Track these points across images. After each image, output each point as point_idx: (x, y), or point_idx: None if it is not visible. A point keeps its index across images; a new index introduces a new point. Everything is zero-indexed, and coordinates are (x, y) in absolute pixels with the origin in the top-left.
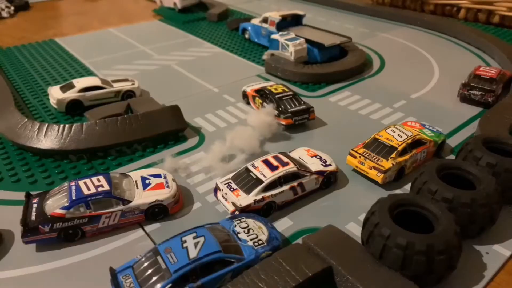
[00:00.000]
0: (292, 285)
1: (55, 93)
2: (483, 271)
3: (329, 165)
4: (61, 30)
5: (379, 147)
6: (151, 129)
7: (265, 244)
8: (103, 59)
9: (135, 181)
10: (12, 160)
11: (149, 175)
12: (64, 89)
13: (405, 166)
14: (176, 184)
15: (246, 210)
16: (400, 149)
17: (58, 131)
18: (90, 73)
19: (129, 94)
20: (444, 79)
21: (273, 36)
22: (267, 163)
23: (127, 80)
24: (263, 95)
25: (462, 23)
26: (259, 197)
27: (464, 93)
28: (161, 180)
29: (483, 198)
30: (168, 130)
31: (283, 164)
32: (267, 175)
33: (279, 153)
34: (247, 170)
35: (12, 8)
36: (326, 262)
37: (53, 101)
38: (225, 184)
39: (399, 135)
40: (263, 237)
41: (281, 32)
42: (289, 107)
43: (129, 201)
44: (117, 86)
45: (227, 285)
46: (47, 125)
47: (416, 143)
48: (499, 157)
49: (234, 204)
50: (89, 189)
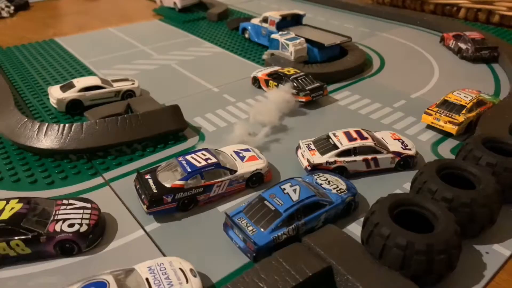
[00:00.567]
0: (292, 285)
1: (55, 93)
2: (483, 271)
3: (409, 149)
4: (61, 29)
5: (450, 106)
6: (151, 129)
7: (346, 191)
8: (103, 58)
9: (231, 155)
10: (12, 159)
11: (240, 150)
12: (64, 88)
13: (472, 121)
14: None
15: (317, 167)
16: (468, 106)
17: (58, 130)
18: (90, 73)
19: (129, 93)
20: (444, 79)
21: (273, 35)
22: (347, 134)
23: (127, 79)
24: (277, 77)
25: (462, 23)
26: (332, 159)
27: (476, 54)
28: (252, 153)
29: (483, 198)
30: (168, 130)
31: (362, 137)
32: (344, 143)
33: (362, 129)
34: (328, 137)
35: (12, 7)
36: (326, 261)
37: (53, 101)
38: (305, 144)
39: (465, 96)
40: (343, 186)
41: (281, 31)
42: (305, 85)
43: (235, 171)
44: (117, 85)
45: (227, 285)
46: (47, 124)
47: (479, 103)
48: (499, 156)
49: (308, 160)
50: (199, 162)
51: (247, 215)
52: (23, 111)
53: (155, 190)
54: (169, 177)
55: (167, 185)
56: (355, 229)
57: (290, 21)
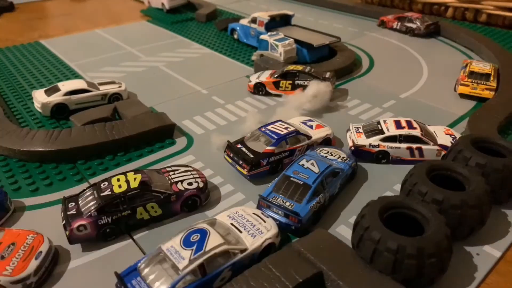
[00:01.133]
0: None
1: (40, 97)
2: (474, 273)
3: None
4: (46, 31)
5: (478, 76)
6: (138, 135)
7: (349, 158)
8: (89, 61)
9: (300, 123)
10: None
11: (305, 120)
12: (48, 92)
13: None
14: None
15: (360, 148)
16: (493, 73)
17: (46, 135)
18: (76, 76)
19: (116, 97)
20: (432, 78)
21: (262, 36)
22: (397, 122)
23: (113, 82)
24: (289, 76)
25: (449, 22)
26: (376, 143)
27: (427, 30)
28: (316, 122)
29: (473, 199)
30: (155, 138)
31: (410, 127)
32: (391, 130)
33: (414, 120)
34: (378, 123)
35: None
36: (316, 267)
37: (37, 105)
38: (355, 127)
39: (484, 65)
40: (344, 155)
41: (270, 32)
42: (321, 77)
43: (311, 137)
44: (104, 88)
45: None
46: (34, 130)
47: (495, 69)
48: (488, 157)
49: (353, 141)
50: (281, 131)
51: (279, 192)
52: (7, 116)
53: (251, 155)
54: (257, 145)
55: (260, 151)
56: (345, 233)
57: (279, 22)
